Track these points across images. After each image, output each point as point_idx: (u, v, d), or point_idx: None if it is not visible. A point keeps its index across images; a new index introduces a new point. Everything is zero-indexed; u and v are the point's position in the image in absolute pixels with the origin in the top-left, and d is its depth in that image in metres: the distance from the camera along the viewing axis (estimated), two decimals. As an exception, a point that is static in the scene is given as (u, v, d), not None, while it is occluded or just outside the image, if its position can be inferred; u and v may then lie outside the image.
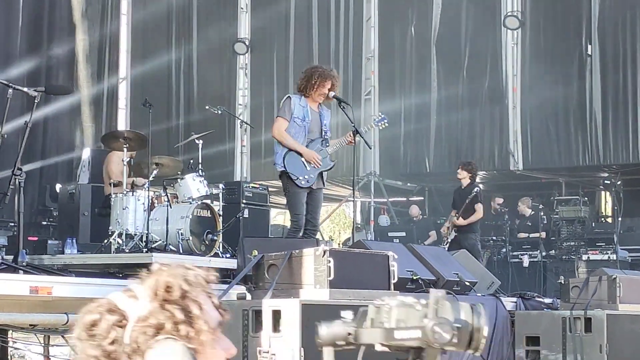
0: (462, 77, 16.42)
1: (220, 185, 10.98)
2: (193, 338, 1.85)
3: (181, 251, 9.55)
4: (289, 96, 8.67)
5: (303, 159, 8.51)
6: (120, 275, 9.50)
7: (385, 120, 9.53)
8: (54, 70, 16.58)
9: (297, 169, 8.49)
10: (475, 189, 12.53)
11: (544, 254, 15.22)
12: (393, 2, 17.03)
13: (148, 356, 1.83)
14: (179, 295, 1.88)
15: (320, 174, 8.63)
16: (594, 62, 15.45)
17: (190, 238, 9.64)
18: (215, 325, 1.91)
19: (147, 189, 9.67)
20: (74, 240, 9.89)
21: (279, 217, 19.41)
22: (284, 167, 8.50)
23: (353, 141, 8.66)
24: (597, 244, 15.00)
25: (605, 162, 15.45)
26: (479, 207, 12.39)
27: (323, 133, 8.69)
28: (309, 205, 8.58)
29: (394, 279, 5.89)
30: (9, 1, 15.69)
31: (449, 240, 12.56)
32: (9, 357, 6.35)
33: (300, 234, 8.45)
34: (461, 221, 12.60)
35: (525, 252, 15.34)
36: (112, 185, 10.19)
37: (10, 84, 6.59)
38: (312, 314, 5.17)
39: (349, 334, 1.94)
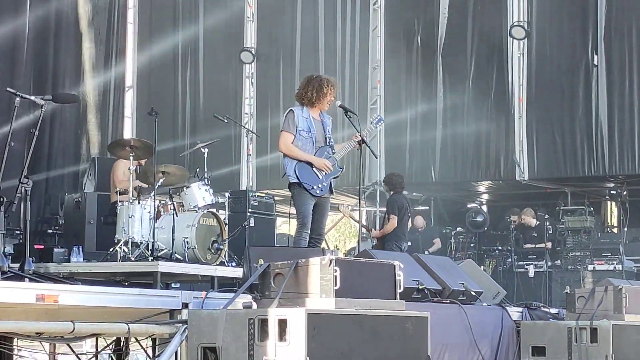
0: (468, 86, 16.41)
1: (226, 194, 10.99)
2: None
3: (187, 260, 9.56)
4: (291, 109, 8.64)
5: (314, 168, 8.53)
6: (126, 284, 9.55)
7: (382, 121, 9.61)
8: (60, 78, 16.62)
9: (310, 178, 8.51)
10: (390, 201, 12.55)
11: (549, 264, 15.20)
12: (399, 11, 17.04)
13: None
14: None
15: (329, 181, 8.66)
16: (600, 72, 15.43)
17: (196, 247, 9.66)
18: None
19: (153, 197, 9.67)
20: (80, 249, 9.88)
21: (285, 226, 19.40)
22: (297, 178, 8.50)
23: (359, 146, 8.72)
24: (602, 254, 15.01)
25: (611, 172, 15.42)
26: (392, 218, 12.37)
27: (327, 140, 8.71)
28: (315, 214, 8.59)
29: (400, 288, 5.89)
30: (16, 10, 15.75)
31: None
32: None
33: (307, 232, 8.46)
34: (374, 232, 12.80)
35: (530, 262, 15.33)
36: (118, 193, 10.21)
37: (17, 93, 6.60)
38: (318, 323, 5.20)
39: None
